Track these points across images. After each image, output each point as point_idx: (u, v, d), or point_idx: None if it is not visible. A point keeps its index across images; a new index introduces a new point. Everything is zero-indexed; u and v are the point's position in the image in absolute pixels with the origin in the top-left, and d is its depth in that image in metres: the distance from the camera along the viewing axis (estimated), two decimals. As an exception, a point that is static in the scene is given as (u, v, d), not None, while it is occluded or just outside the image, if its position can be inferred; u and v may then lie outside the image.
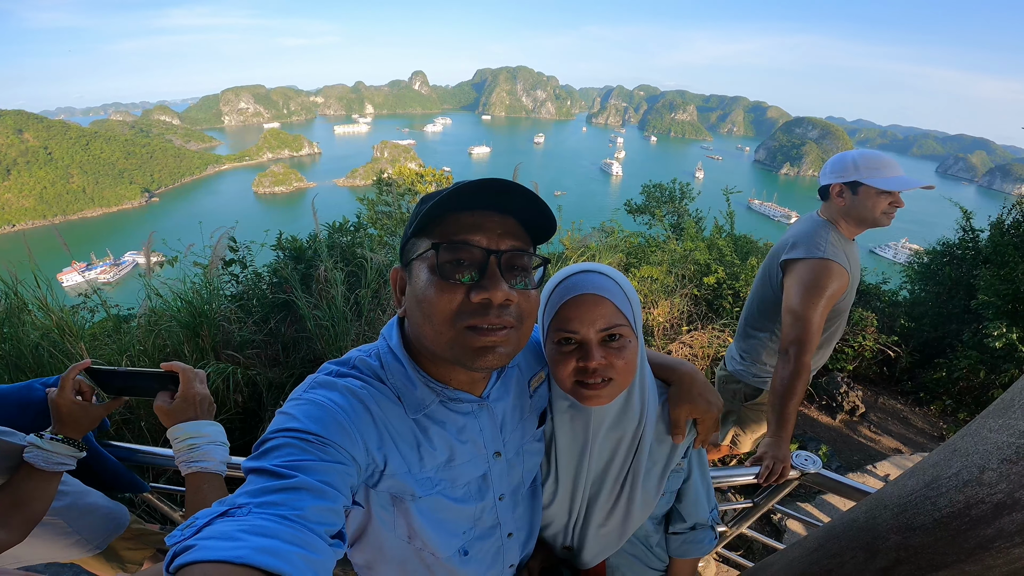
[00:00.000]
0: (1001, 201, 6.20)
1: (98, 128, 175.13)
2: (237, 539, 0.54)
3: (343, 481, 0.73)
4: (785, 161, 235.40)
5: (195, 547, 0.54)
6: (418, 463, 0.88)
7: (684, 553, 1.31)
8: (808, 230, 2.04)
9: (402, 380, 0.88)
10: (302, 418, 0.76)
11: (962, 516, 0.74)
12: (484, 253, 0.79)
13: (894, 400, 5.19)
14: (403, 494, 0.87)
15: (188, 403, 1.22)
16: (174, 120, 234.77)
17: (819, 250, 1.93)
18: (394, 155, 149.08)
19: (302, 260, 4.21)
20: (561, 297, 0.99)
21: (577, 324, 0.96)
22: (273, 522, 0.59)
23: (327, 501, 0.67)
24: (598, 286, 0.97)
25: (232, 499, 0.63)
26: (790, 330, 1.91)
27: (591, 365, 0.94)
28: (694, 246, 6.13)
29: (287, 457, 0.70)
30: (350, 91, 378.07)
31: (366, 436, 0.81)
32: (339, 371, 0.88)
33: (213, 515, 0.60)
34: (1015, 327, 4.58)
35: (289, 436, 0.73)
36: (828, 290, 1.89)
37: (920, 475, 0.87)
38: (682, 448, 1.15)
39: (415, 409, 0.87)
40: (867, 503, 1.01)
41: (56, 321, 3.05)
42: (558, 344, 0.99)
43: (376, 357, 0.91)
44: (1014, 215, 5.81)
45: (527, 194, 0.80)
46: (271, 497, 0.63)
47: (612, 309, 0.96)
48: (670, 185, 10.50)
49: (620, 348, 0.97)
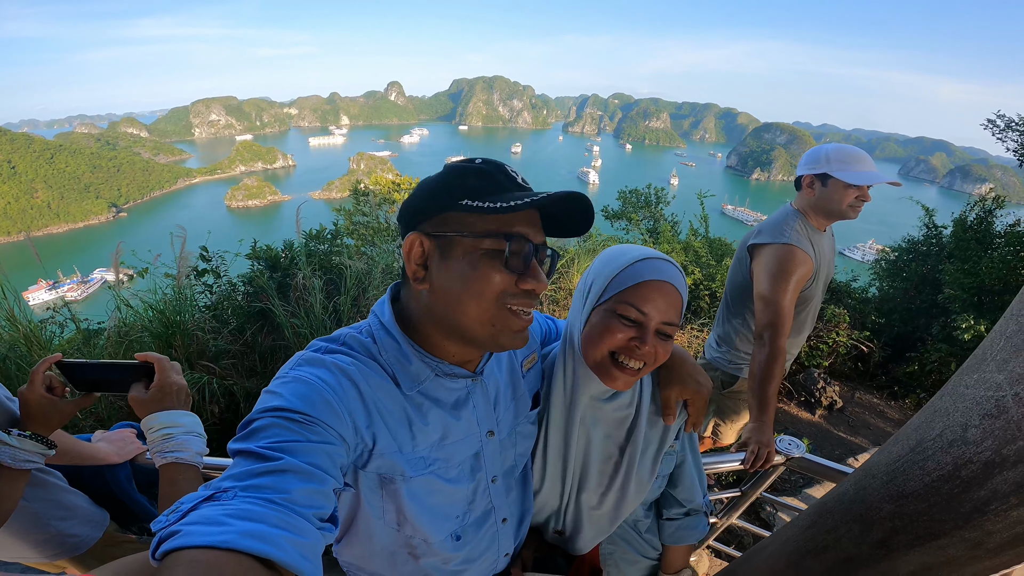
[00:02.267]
0: (962, 202, 6.47)
1: (63, 141, 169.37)
2: (223, 523, 0.54)
3: (332, 462, 0.71)
4: (756, 166, 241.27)
5: (180, 532, 0.53)
6: (410, 442, 0.86)
7: (679, 540, 1.32)
8: (776, 218, 2.11)
9: (396, 355, 0.86)
10: (288, 396, 0.74)
11: (952, 478, 0.74)
12: (532, 248, 0.82)
13: (870, 394, 5.32)
14: (393, 474, 0.86)
15: (164, 393, 1.17)
16: (142, 132, 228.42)
17: (783, 236, 2.01)
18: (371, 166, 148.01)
19: (278, 269, 4.15)
20: (643, 273, 0.98)
21: (651, 307, 0.96)
22: (259, 506, 0.58)
23: (315, 483, 0.66)
24: (678, 279, 1.00)
25: (217, 483, 0.62)
26: (762, 315, 1.96)
27: (644, 349, 0.96)
28: (670, 248, 6.21)
29: (273, 438, 0.68)
30: (325, 102, 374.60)
31: (355, 414, 0.79)
32: (328, 347, 0.86)
33: (198, 499, 0.59)
34: (982, 318, 4.75)
35: (275, 416, 0.71)
36: (794, 275, 1.95)
37: (904, 440, 0.88)
38: (674, 430, 1.16)
39: (410, 385, 0.86)
40: (855, 475, 1.02)
41: (23, 333, 2.94)
42: (616, 315, 0.98)
43: (367, 334, 0.89)
44: (976, 212, 6.05)
45: (575, 197, 0.83)
46: (257, 480, 0.61)
47: (680, 305, 0.99)
48: (646, 191, 10.66)
49: (666, 343, 0.99)
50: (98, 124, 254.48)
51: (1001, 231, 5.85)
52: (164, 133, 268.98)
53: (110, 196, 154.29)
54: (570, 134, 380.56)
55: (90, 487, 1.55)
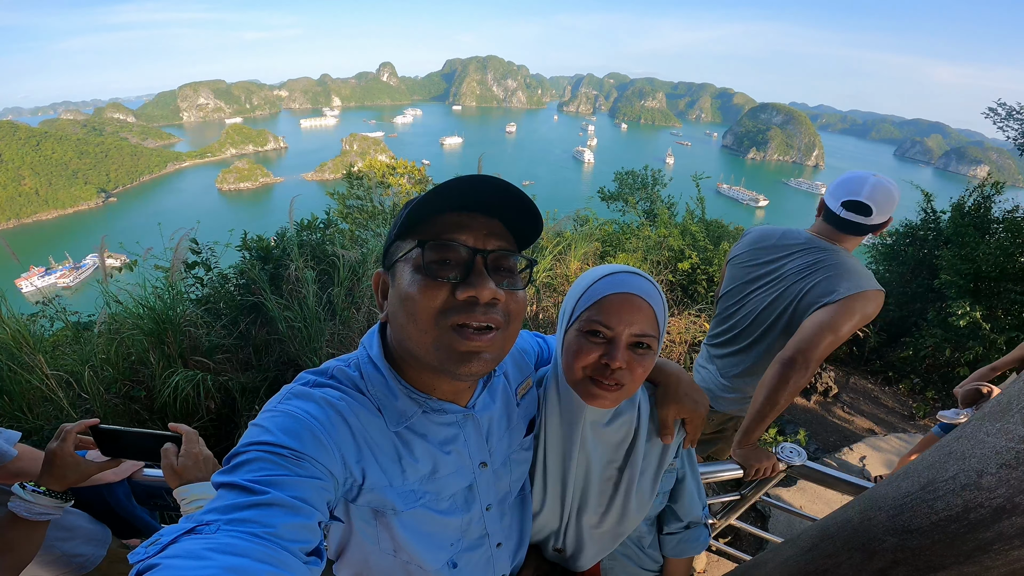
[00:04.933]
0: (957, 183, 6.45)
1: (48, 128, 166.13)
2: (204, 558, 0.52)
3: (319, 496, 0.70)
4: (752, 146, 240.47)
5: (159, 566, 0.51)
6: (400, 476, 0.84)
7: (680, 553, 1.32)
8: (855, 266, 1.87)
9: (383, 391, 0.84)
10: (275, 431, 0.72)
11: (960, 519, 0.73)
12: (470, 252, 0.77)
13: (865, 380, 5.35)
14: (384, 508, 0.84)
15: (195, 462, 1.21)
16: (128, 117, 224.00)
17: (873, 283, 1.80)
18: (364, 148, 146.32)
19: (270, 260, 4.07)
20: (606, 289, 0.96)
21: (615, 320, 0.94)
22: (243, 540, 0.56)
23: (301, 517, 0.64)
24: (645, 290, 0.96)
25: (200, 515, 0.60)
26: (814, 339, 1.70)
27: (614, 364, 0.93)
28: (668, 232, 6.17)
29: (259, 472, 0.66)
30: (315, 84, 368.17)
31: (344, 449, 0.77)
32: (316, 381, 0.84)
33: (180, 532, 0.57)
34: (977, 305, 4.75)
35: (262, 450, 0.69)
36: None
37: (915, 477, 0.86)
38: (673, 448, 1.15)
39: (396, 421, 0.84)
40: (860, 503, 1.00)
41: (12, 333, 2.89)
42: (586, 334, 0.97)
43: (355, 367, 0.87)
44: (974, 198, 6.01)
45: (513, 194, 0.78)
46: (241, 514, 0.60)
47: (651, 316, 0.95)
48: (642, 172, 10.58)
49: (643, 356, 0.96)
50: (83, 110, 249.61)
51: (999, 217, 5.84)
52: (151, 118, 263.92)
53: (99, 182, 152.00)
54: (565, 114, 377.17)
55: (88, 504, 1.55)
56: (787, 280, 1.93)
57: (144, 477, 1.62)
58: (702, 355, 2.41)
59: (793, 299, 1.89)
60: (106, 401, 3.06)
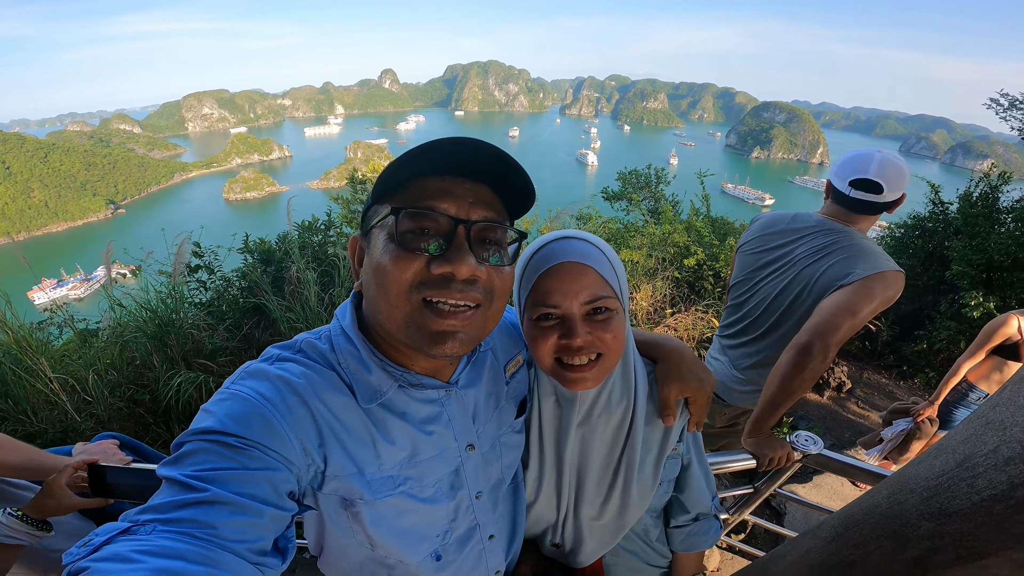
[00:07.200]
0: (965, 177, 6.36)
1: (55, 139, 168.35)
2: (134, 561, 0.50)
3: (273, 488, 0.65)
4: (755, 145, 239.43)
5: (88, 570, 0.49)
6: (374, 460, 0.77)
7: (691, 547, 1.23)
8: (870, 246, 1.79)
9: (355, 364, 0.78)
10: (222, 416, 0.65)
11: (1006, 498, 0.66)
12: (452, 222, 0.71)
13: (878, 374, 5.25)
14: (352, 496, 0.77)
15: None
16: (134, 128, 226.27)
17: (890, 263, 1.70)
18: (368, 155, 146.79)
19: (272, 262, 4.06)
20: (538, 267, 0.88)
21: (559, 297, 0.86)
22: (178, 542, 0.53)
23: (248, 515, 0.60)
24: (580, 252, 0.88)
25: (135, 515, 0.56)
26: (833, 321, 1.60)
27: (576, 343, 0.85)
28: (672, 228, 6.10)
29: (201, 465, 0.61)
30: (318, 92, 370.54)
31: (301, 433, 0.70)
32: (279, 355, 0.78)
33: (114, 532, 0.54)
34: (991, 295, 4.66)
35: (206, 439, 0.63)
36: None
37: (949, 454, 0.79)
38: (676, 431, 1.07)
39: (368, 398, 0.77)
40: (888, 487, 0.93)
41: (14, 338, 2.87)
42: (537, 320, 0.89)
43: (327, 340, 0.81)
44: (982, 187, 5.93)
45: (503, 158, 0.71)
46: (179, 513, 0.56)
47: (597, 278, 0.87)
48: (646, 170, 10.49)
49: (606, 321, 0.87)
50: (89, 121, 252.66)
51: (1008, 207, 5.75)
52: (157, 128, 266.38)
53: (107, 193, 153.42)
54: (567, 116, 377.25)
55: None
56: (799, 264, 1.85)
57: None
58: (714, 347, 2.34)
59: (806, 283, 1.81)
60: (110, 405, 3.05)
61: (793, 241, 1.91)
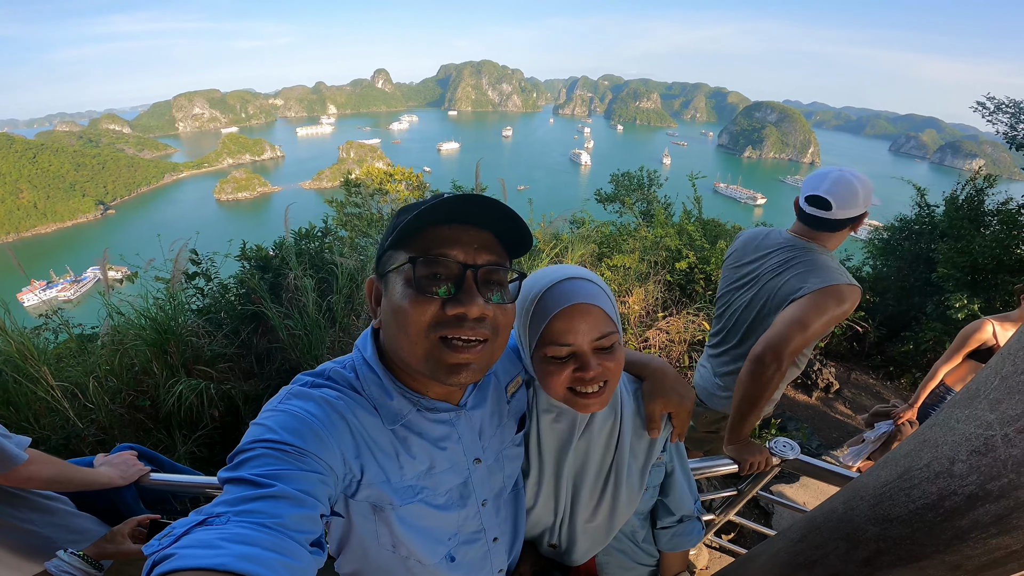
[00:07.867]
0: (953, 176, 6.48)
1: (44, 140, 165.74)
2: (218, 547, 0.55)
3: (321, 491, 0.74)
4: (747, 144, 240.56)
5: (175, 555, 0.54)
6: (398, 471, 0.88)
7: (675, 547, 1.34)
8: (827, 262, 1.85)
9: (378, 391, 0.88)
10: (278, 429, 0.75)
11: (936, 508, 0.75)
12: (461, 267, 0.81)
13: (866, 375, 5.37)
14: (382, 503, 0.87)
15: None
16: (124, 128, 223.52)
17: (845, 277, 1.77)
18: (361, 155, 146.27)
19: (269, 269, 4.11)
20: (548, 309, 0.96)
21: (571, 336, 0.94)
22: (253, 530, 0.60)
23: (306, 509, 0.68)
24: (588, 294, 0.96)
25: (210, 508, 0.63)
26: (786, 334, 1.69)
27: (589, 375, 0.94)
28: (664, 232, 6.19)
29: (264, 467, 0.69)
30: (310, 92, 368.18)
31: (343, 446, 0.81)
32: (313, 382, 0.87)
33: (191, 524, 0.60)
34: (975, 297, 4.78)
35: (266, 447, 0.72)
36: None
37: (893, 466, 0.89)
38: (660, 442, 1.18)
39: (392, 420, 0.87)
40: (844, 494, 1.03)
41: (16, 346, 2.91)
42: (549, 359, 0.98)
43: (351, 369, 0.91)
44: (967, 191, 6.05)
45: (505, 210, 0.81)
46: (250, 506, 0.63)
47: (602, 315, 0.96)
48: (638, 173, 10.60)
49: (612, 351, 0.97)
50: (78, 122, 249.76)
51: (993, 209, 5.87)
52: (147, 128, 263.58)
53: (96, 194, 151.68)
54: (561, 116, 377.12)
55: (97, 508, 1.60)
56: (762, 279, 1.96)
57: (151, 482, 1.66)
58: (704, 354, 2.46)
59: (767, 297, 1.92)
60: (111, 411, 3.08)
61: (762, 257, 2.01)
